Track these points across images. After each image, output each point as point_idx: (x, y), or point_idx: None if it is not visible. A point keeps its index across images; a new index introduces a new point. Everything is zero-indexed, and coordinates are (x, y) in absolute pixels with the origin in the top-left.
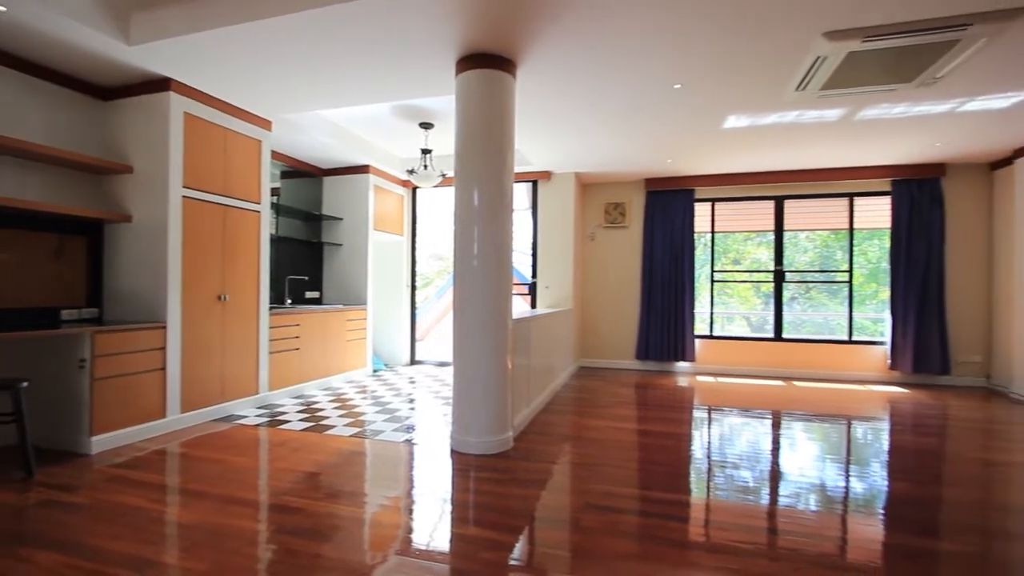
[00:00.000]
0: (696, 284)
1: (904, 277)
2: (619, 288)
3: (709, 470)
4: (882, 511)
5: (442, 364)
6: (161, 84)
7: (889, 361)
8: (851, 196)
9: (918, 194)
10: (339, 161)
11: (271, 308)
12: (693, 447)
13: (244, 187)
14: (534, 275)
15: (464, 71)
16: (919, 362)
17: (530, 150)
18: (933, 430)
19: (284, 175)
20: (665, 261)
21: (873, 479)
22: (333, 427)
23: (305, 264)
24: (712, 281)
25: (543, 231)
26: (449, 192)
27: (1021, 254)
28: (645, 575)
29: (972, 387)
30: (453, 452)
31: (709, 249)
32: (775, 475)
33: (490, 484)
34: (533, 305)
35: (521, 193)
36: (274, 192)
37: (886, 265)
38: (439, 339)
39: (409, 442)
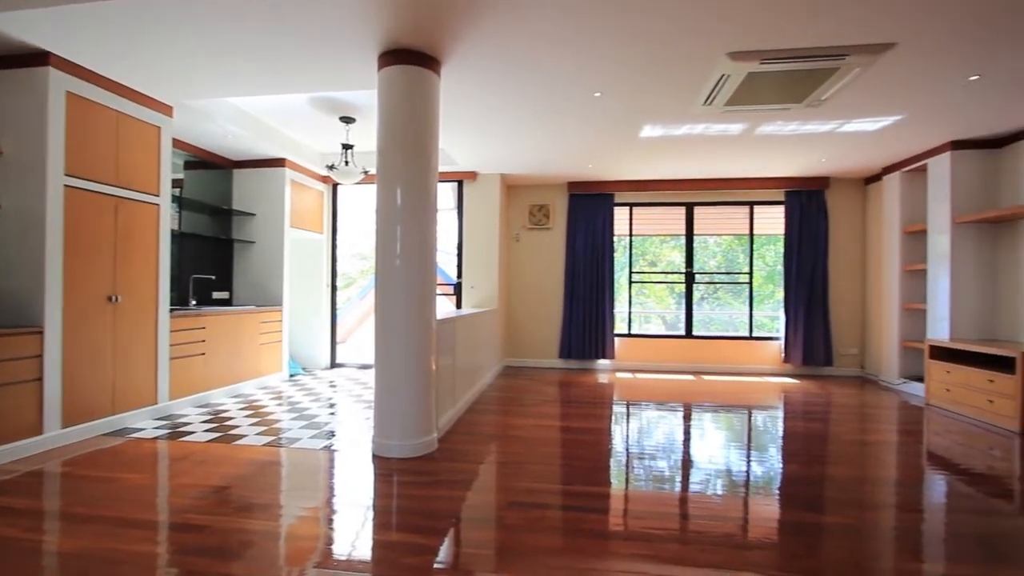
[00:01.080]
0: (616, 285)
1: (795, 279)
2: (543, 289)
3: (627, 462)
4: (777, 491)
5: (365, 367)
6: (38, 58)
7: (783, 355)
8: (751, 204)
9: (807, 204)
10: (251, 153)
11: (173, 310)
12: (612, 441)
13: (140, 177)
14: (459, 275)
15: (387, 66)
16: (807, 355)
17: (456, 150)
18: (818, 416)
19: (188, 165)
20: (587, 262)
21: (770, 463)
22: (244, 437)
23: (212, 262)
24: (630, 282)
25: (469, 231)
26: (372, 189)
27: (888, 260)
28: (567, 568)
29: (850, 376)
30: (375, 457)
31: (628, 251)
32: (686, 464)
33: (414, 487)
34: (459, 305)
35: (446, 193)
36: (176, 184)
37: (781, 268)
38: (362, 341)
39: (329, 449)
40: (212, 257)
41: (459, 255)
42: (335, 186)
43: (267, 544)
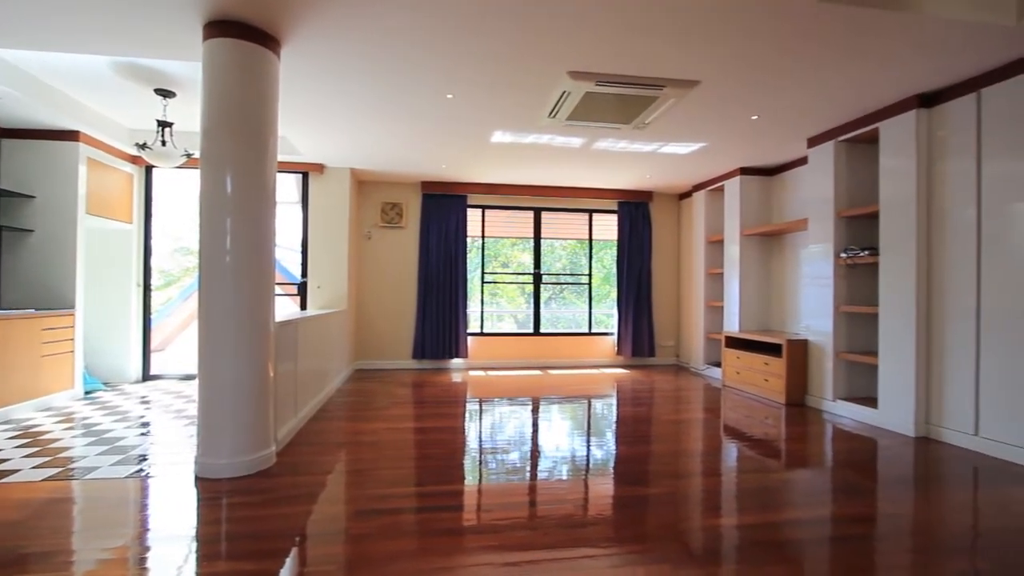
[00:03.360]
0: (469, 285)
1: (626, 280)
2: (396, 288)
3: (479, 457)
4: (612, 470)
5: (188, 378)
6: None
7: (616, 348)
8: (591, 212)
9: (635, 214)
10: (28, 121)
11: None
12: (466, 438)
13: None
14: (304, 274)
15: (214, 37)
16: (635, 348)
17: (300, 139)
18: (644, 401)
19: None
20: (440, 263)
21: (606, 446)
22: (14, 473)
23: None
24: (483, 282)
25: (315, 227)
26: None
27: (696, 264)
28: (417, 570)
29: (668, 365)
30: (200, 480)
31: (480, 252)
32: (535, 454)
33: (248, 508)
34: (303, 306)
35: (289, 184)
36: None
37: (615, 270)
38: (185, 348)
39: (140, 476)
40: None
41: (304, 252)
42: (149, 168)
43: None
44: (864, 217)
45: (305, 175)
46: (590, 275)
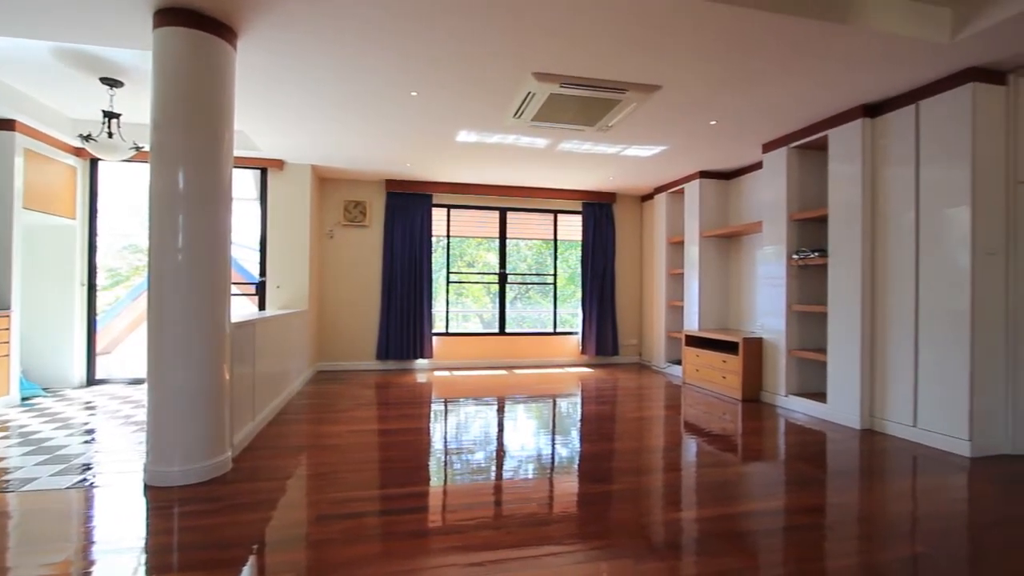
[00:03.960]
0: (434, 285)
1: (590, 280)
2: (359, 288)
3: (445, 458)
4: (576, 468)
5: (137, 382)
6: None
7: (580, 347)
8: (555, 213)
9: (599, 215)
10: None
11: None
12: (431, 439)
13: None
14: (263, 273)
15: (166, 25)
16: (599, 347)
17: (258, 134)
18: (607, 399)
19: None
20: (405, 262)
21: (571, 444)
22: None
23: None
24: (448, 282)
25: (274, 225)
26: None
27: (657, 265)
28: (382, 574)
29: (631, 363)
30: (150, 488)
31: (446, 252)
32: (500, 453)
33: (203, 517)
34: (262, 306)
35: (247, 181)
36: None
37: (579, 270)
38: (134, 351)
39: (83, 486)
40: None
41: (263, 251)
42: (95, 162)
43: None
44: (814, 220)
45: (264, 171)
46: (555, 275)
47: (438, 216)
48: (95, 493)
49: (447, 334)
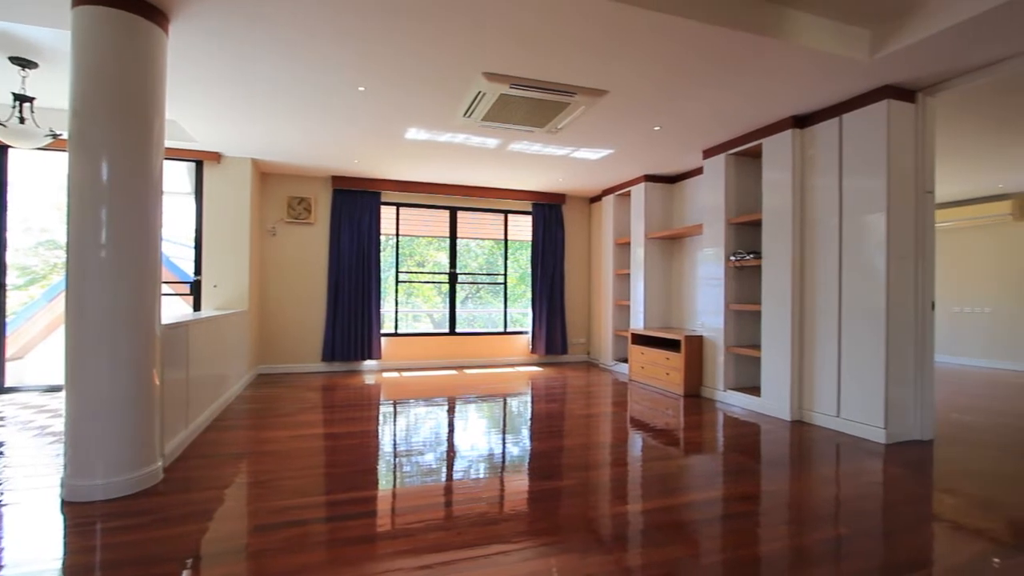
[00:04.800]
0: (383, 284)
1: (540, 280)
2: (304, 287)
3: (394, 461)
4: (526, 466)
5: (54, 389)
6: None
7: (531, 346)
8: (506, 213)
9: (549, 216)
10: None
11: None
12: (379, 442)
13: None
14: (198, 272)
15: (85, 4)
16: (549, 346)
17: (193, 124)
18: (557, 397)
19: None
20: (353, 261)
21: (522, 442)
22: None
23: None
24: (398, 282)
25: (211, 221)
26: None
27: (605, 265)
28: None
29: (580, 361)
30: (68, 504)
31: (395, 251)
32: (451, 454)
33: (128, 532)
34: (197, 307)
35: (180, 174)
36: None
37: (530, 270)
38: (52, 355)
39: None
40: None
41: (198, 248)
42: (4, 149)
43: None
44: (750, 224)
45: (199, 164)
46: (505, 275)
47: (387, 214)
48: (3, 512)
49: (396, 334)
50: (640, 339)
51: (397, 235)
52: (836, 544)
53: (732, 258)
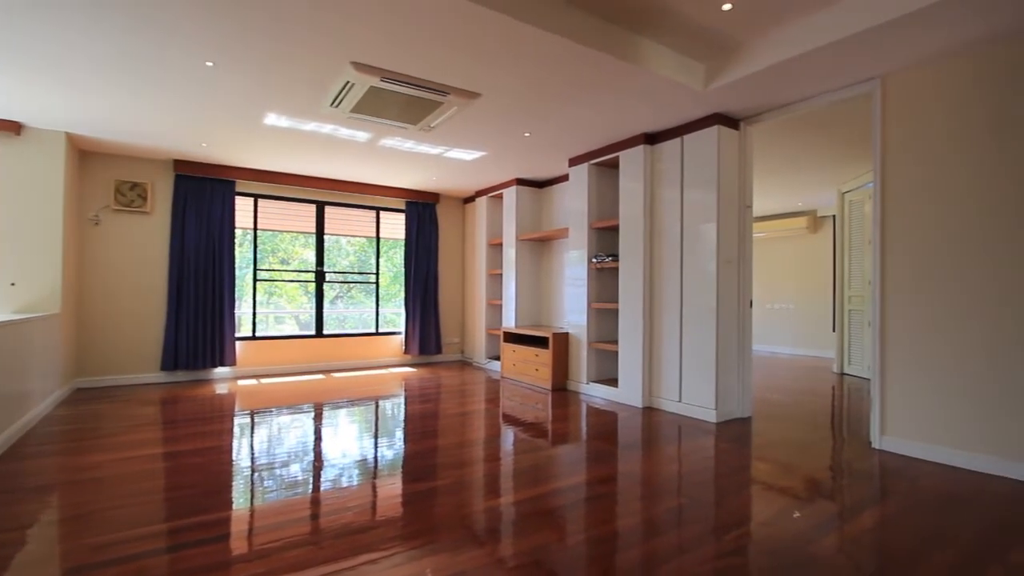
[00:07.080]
0: (239, 283)
1: (414, 280)
2: (138, 286)
3: (251, 476)
4: (399, 469)
5: None
6: None
7: (404, 347)
8: (378, 210)
9: (422, 215)
10: None
11: None
12: (232, 457)
13: None
14: None
15: None
16: (423, 346)
17: None
18: (431, 397)
19: None
20: (200, 257)
21: (394, 445)
22: None
23: None
24: (256, 280)
25: (8, 206)
26: None
27: (478, 265)
28: None
29: (454, 361)
30: None
31: (253, 247)
32: (317, 464)
33: None
34: None
35: None
36: None
37: (403, 269)
38: None
39: None
40: None
41: None
42: None
43: None
44: (609, 229)
45: None
46: (378, 274)
47: (243, 205)
48: None
49: (255, 338)
50: (511, 337)
51: (255, 229)
52: (678, 512)
53: (594, 260)
